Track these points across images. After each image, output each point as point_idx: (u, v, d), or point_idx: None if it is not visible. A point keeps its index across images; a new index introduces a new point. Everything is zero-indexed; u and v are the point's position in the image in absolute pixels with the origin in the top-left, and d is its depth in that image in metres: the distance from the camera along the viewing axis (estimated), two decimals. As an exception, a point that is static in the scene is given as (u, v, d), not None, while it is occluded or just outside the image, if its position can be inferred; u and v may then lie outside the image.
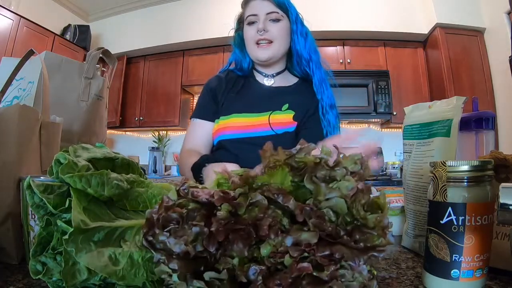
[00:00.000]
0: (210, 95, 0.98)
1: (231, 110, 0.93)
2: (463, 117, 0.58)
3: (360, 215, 0.27)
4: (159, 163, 3.17)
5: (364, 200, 0.28)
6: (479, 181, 0.35)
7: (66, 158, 0.33)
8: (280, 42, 0.93)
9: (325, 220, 0.26)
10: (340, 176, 0.29)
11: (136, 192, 0.37)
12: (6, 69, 0.70)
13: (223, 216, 0.27)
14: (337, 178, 0.29)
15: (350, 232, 0.26)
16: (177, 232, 0.27)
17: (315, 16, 2.97)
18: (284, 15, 0.94)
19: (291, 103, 0.92)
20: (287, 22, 0.94)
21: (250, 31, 0.94)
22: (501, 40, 2.42)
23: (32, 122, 0.50)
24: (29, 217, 0.39)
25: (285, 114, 0.90)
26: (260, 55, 0.93)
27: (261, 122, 0.89)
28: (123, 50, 3.46)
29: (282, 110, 0.91)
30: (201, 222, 0.27)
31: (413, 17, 2.88)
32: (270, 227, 0.27)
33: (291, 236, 0.26)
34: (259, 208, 0.28)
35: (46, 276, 0.31)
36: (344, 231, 0.27)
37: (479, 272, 0.34)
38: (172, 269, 0.26)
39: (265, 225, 0.27)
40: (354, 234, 0.26)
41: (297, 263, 0.25)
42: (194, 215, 0.28)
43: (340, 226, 0.27)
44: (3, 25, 2.59)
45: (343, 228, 0.27)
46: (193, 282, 0.25)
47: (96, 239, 0.30)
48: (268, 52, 0.92)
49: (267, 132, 0.88)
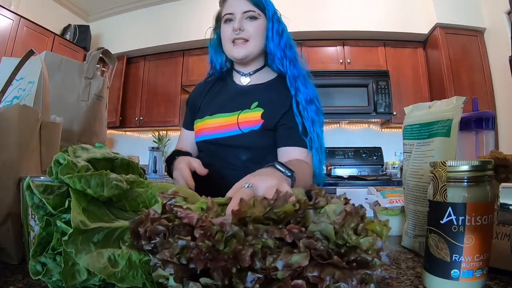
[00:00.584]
0: (189, 105, 1.06)
1: (205, 113, 0.96)
2: (463, 117, 0.58)
3: (352, 240, 0.27)
4: (159, 163, 3.17)
5: (354, 224, 0.28)
6: (479, 181, 0.35)
7: (65, 159, 0.33)
8: (256, 40, 0.93)
9: (316, 239, 0.26)
10: (324, 203, 0.29)
11: (135, 192, 0.37)
12: (6, 69, 0.70)
13: (204, 246, 0.27)
14: (322, 205, 0.29)
15: (344, 254, 0.26)
16: (164, 244, 0.27)
17: (315, 16, 2.98)
18: (261, 13, 0.94)
19: (261, 100, 0.92)
20: (264, 20, 0.94)
21: (227, 29, 0.94)
22: (501, 40, 2.42)
23: (32, 122, 0.50)
24: (29, 217, 0.39)
25: (253, 112, 0.90)
26: (236, 54, 0.93)
27: (230, 122, 0.91)
28: (123, 50, 3.45)
29: (251, 109, 0.91)
30: (188, 236, 0.27)
31: (413, 17, 2.88)
32: (252, 257, 0.27)
33: (282, 260, 0.26)
34: (237, 240, 0.28)
35: (46, 277, 0.31)
36: (335, 253, 0.26)
37: (479, 272, 0.34)
38: (168, 273, 0.26)
39: (246, 256, 0.26)
40: (348, 255, 0.26)
41: (291, 279, 0.25)
42: (179, 229, 0.28)
43: (332, 249, 0.27)
44: (3, 25, 2.59)
45: (336, 251, 0.26)
46: (190, 284, 0.25)
47: (96, 240, 0.30)
48: (243, 51, 0.92)
49: (235, 132, 0.89)
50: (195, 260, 0.26)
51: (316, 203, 0.29)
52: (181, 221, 0.29)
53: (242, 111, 0.91)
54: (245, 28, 0.91)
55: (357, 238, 0.27)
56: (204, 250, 0.26)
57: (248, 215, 0.29)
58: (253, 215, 0.30)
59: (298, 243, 0.26)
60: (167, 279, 0.26)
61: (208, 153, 0.93)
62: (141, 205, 0.37)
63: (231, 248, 0.27)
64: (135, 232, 0.28)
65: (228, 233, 0.28)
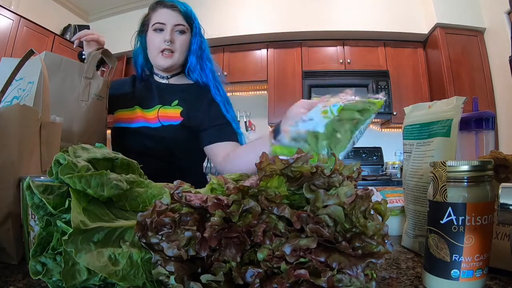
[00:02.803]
0: None
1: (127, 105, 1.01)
2: (463, 117, 0.58)
3: (360, 223, 0.27)
4: (159, 163, 3.17)
5: (364, 207, 0.28)
6: (479, 181, 0.35)
7: (65, 159, 0.33)
8: (181, 53, 1.00)
9: (323, 226, 0.26)
10: (338, 182, 0.29)
11: (135, 192, 0.37)
12: (6, 69, 0.70)
13: (217, 222, 0.27)
14: (336, 185, 0.29)
15: (349, 240, 0.26)
16: (170, 236, 0.27)
17: (315, 16, 2.98)
18: (189, 28, 1.01)
19: (181, 99, 1.00)
20: (189, 34, 1.02)
21: (156, 38, 0.98)
22: (501, 40, 2.42)
23: (32, 122, 0.50)
24: (29, 217, 0.39)
25: (173, 109, 0.99)
26: (162, 63, 1.00)
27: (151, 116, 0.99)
28: (123, 50, 3.45)
29: (171, 106, 1.00)
30: (194, 226, 0.27)
31: (413, 17, 2.88)
32: (264, 233, 0.27)
33: (289, 243, 0.26)
34: (252, 215, 0.28)
35: (46, 277, 0.31)
36: (342, 237, 0.26)
37: (479, 272, 0.34)
38: (169, 271, 0.26)
39: (259, 232, 0.27)
40: (353, 241, 0.26)
41: (293, 269, 0.25)
42: (186, 219, 0.28)
43: (339, 233, 0.27)
44: (3, 25, 2.59)
45: (342, 235, 0.27)
46: (190, 284, 0.25)
47: (96, 240, 0.30)
48: (169, 61, 0.99)
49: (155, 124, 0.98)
50: (209, 238, 0.26)
51: (332, 177, 0.29)
52: (188, 210, 0.29)
53: (162, 106, 1.00)
54: (174, 40, 0.98)
55: (364, 221, 0.27)
56: (217, 227, 0.26)
57: (268, 173, 0.30)
58: (274, 172, 0.30)
59: (305, 227, 0.26)
60: (168, 277, 0.26)
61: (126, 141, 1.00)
62: (141, 205, 0.37)
63: (245, 222, 0.28)
64: (142, 225, 0.28)
65: (245, 206, 0.28)
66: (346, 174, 0.30)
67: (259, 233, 0.27)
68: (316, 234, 0.26)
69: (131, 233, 0.32)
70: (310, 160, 0.31)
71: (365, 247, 0.26)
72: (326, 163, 0.31)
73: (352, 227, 0.27)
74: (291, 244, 0.26)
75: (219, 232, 0.27)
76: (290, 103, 1.03)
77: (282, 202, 0.29)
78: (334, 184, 0.29)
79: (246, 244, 0.27)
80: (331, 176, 0.29)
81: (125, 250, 0.30)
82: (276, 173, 0.30)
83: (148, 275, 0.30)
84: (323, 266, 0.24)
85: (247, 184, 0.29)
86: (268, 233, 0.27)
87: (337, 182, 0.29)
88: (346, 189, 0.28)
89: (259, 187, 0.30)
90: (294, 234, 0.27)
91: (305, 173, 0.30)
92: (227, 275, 0.26)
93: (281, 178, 0.31)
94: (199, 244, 0.26)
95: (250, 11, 3.09)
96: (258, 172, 0.30)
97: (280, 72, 3.07)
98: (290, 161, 0.30)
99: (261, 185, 0.30)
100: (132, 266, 0.29)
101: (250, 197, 0.29)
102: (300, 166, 0.30)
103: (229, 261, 0.27)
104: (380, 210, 0.29)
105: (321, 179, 0.29)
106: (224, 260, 0.27)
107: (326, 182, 0.29)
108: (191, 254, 0.26)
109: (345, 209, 0.27)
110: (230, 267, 0.27)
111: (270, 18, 3.04)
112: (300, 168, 0.30)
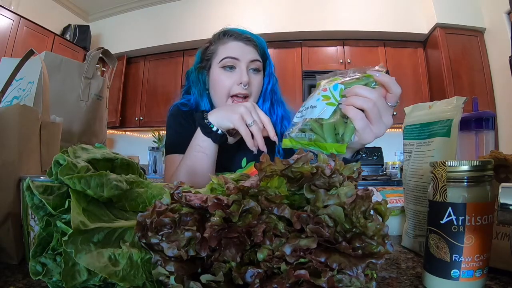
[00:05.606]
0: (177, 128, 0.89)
1: None
2: (463, 117, 0.58)
3: (360, 223, 0.27)
4: (159, 163, 3.17)
5: (364, 207, 0.28)
6: (479, 181, 0.35)
7: (65, 159, 0.33)
8: (255, 98, 0.81)
9: (323, 226, 0.26)
10: (339, 182, 0.29)
11: (135, 192, 0.37)
12: (6, 69, 0.70)
13: (217, 222, 0.27)
14: (336, 185, 0.29)
15: (350, 240, 0.26)
16: (170, 236, 0.27)
17: (315, 16, 2.98)
18: (261, 65, 0.83)
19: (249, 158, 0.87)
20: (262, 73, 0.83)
21: (227, 79, 0.78)
22: (501, 40, 2.42)
23: (32, 122, 0.50)
24: (29, 217, 0.39)
25: None
26: None
27: None
28: (123, 50, 3.46)
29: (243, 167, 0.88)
30: (194, 226, 0.27)
31: (413, 17, 2.88)
32: (264, 233, 0.27)
33: (289, 244, 0.26)
34: (252, 215, 0.28)
35: (46, 277, 0.31)
36: (342, 237, 0.26)
37: (479, 272, 0.34)
38: (169, 271, 0.26)
39: (259, 232, 0.27)
40: (353, 241, 0.26)
41: (293, 269, 0.25)
42: (186, 219, 0.28)
43: (339, 233, 0.27)
44: (3, 25, 2.59)
45: (342, 235, 0.27)
46: (190, 284, 0.25)
47: (96, 240, 0.30)
48: None
49: None
50: (209, 238, 0.26)
51: (332, 177, 0.29)
52: (188, 210, 0.29)
53: None
54: (251, 82, 0.78)
55: (365, 221, 0.27)
56: (217, 227, 0.26)
57: (268, 173, 0.30)
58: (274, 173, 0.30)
59: (305, 228, 0.26)
60: (168, 278, 0.26)
61: None
62: (141, 205, 0.37)
63: (245, 222, 0.28)
64: (142, 225, 0.28)
65: (245, 206, 0.28)
66: (347, 174, 0.30)
67: (259, 233, 0.27)
68: (316, 235, 0.26)
69: (131, 233, 0.32)
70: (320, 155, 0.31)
71: (365, 247, 0.26)
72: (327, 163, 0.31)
73: (352, 227, 0.27)
74: (291, 245, 0.26)
75: (219, 232, 0.27)
76: (290, 103, 1.03)
77: (282, 202, 0.29)
78: (335, 184, 0.29)
79: (246, 244, 0.27)
80: (332, 176, 0.29)
81: (125, 251, 0.30)
82: (276, 173, 0.30)
83: (148, 275, 0.30)
84: (323, 266, 0.24)
85: (247, 184, 0.29)
86: (268, 233, 0.27)
87: (337, 182, 0.29)
88: (347, 189, 0.28)
89: (259, 187, 0.30)
90: (294, 234, 0.27)
91: (305, 174, 0.30)
92: (227, 275, 0.26)
93: (281, 179, 0.31)
94: (199, 244, 0.26)
95: (250, 11, 3.09)
96: (258, 172, 0.30)
97: (280, 72, 3.07)
98: (291, 162, 0.30)
99: (261, 185, 0.30)
100: (132, 266, 0.29)
101: (250, 197, 0.29)
102: (300, 167, 0.30)
103: (229, 261, 0.27)
104: (380, 210, 0.29)
105: (322, 179, 0.29)
106: (224, 260, 0.27)
107: (326, 182, 0.29)
108: (191, 254, 0.26)
109: (345, 209, 0.27)
110: (230, 267, 0.27)
111: (270, 18, 3.04)
112: (300, 168, 0.30)
